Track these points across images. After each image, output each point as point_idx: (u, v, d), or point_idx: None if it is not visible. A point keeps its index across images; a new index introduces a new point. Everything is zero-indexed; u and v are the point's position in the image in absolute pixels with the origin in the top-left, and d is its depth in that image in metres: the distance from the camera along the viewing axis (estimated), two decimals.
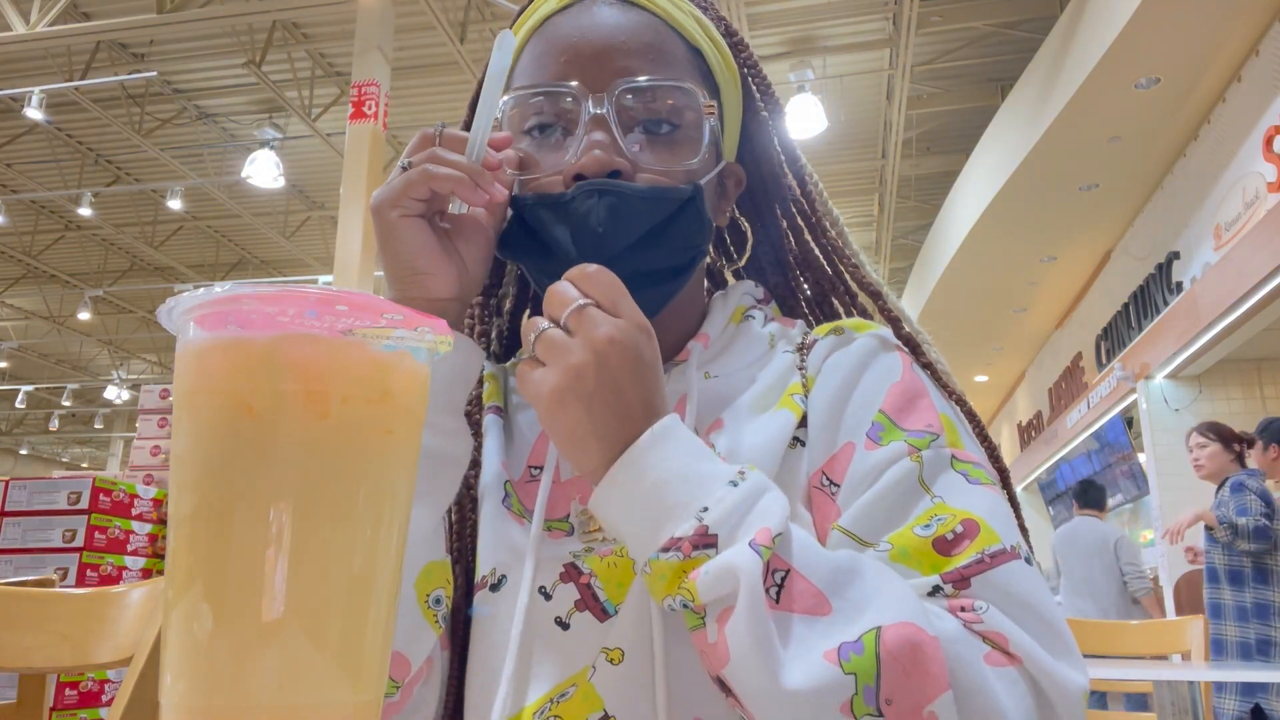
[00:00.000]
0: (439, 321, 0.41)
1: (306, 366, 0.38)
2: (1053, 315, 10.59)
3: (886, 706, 0.51)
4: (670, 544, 0.55)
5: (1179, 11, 5.42)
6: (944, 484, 0.63)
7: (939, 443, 0.66)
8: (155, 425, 3.75)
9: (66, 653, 1.03)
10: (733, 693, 0.55)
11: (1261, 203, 5.78)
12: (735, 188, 0.83)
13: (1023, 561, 0.60)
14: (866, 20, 8.31)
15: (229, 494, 0.37)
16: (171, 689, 0.37)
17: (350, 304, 0.38)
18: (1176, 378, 7.62)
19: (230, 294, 0.38)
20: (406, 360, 0.40)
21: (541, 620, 0.68)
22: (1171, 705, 2.17)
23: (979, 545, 0.59)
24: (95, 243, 12.58)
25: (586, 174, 0.69)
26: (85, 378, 17.58)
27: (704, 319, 0.81)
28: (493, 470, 0.75)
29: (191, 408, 0.38)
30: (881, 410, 0.68)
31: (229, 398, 0.37)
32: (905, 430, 0.66)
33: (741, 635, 0.52)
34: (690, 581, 0.54)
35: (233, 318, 0.38)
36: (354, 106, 6.83)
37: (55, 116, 9.37)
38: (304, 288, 0.38)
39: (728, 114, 0.80)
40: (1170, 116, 6.57)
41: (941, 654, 0.53)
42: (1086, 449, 10.13)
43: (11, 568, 2.55)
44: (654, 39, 0.74)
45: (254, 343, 0.38)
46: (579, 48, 0.73)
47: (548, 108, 0.73)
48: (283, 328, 0.38)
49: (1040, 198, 7.73)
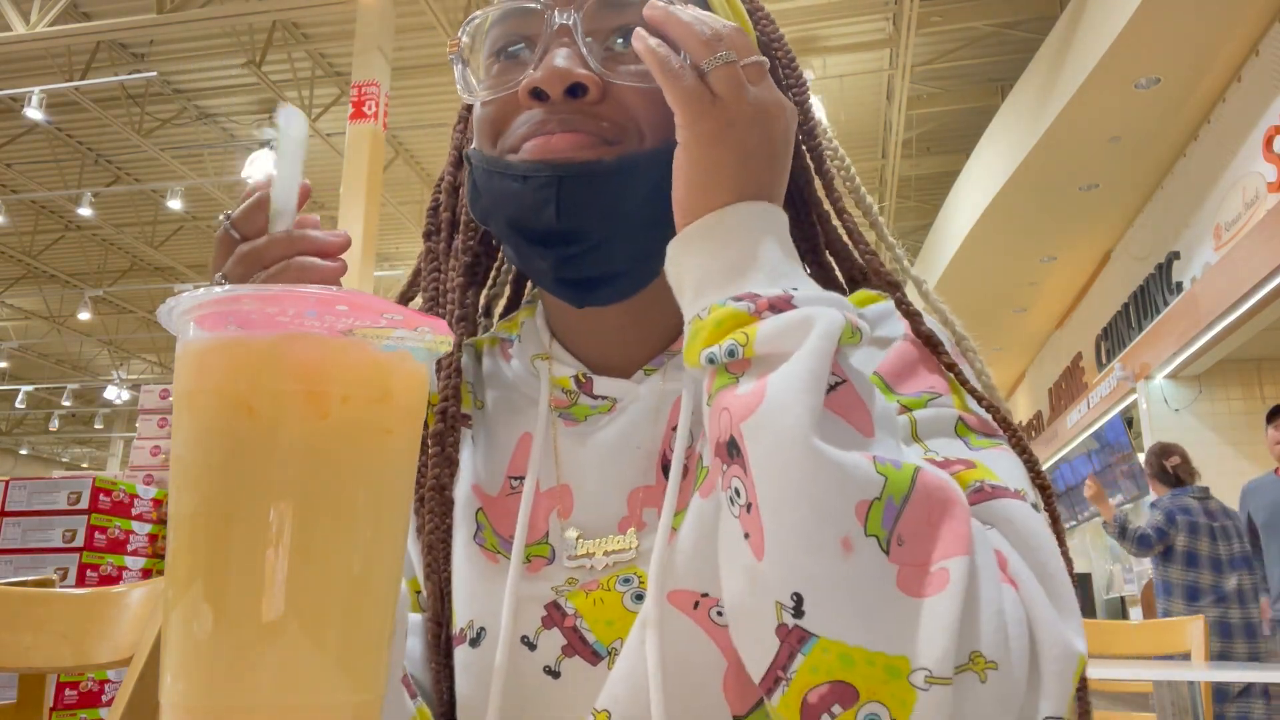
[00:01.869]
0: (438, 321, 0.41)
1: (307, 366, 0.38)
2: (1053, 315, 10.59)
3: (897, 546, 0.46)
4: (746, 296, 0.51)
5: (1179, 11, 5.42)
6: (939, 444, 0.58)
7: (941, 401, 0.60)
8: (155, 425, 3.75)
9: (66, 653, 1.03)
10: (738, 457, 0.49)
11: (1261, 203, 5.78)
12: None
13: (1028, 505, 0.54)
14: (866, 20, 8.31)
15: (229, 494, 0.37)
16: (171, 689, 0.37)
17: (350, 304, 0.38)
18: (1176, 378, 7.62)
19: (230, 294, 0.38)
20: (407, 360, 0.40)
21: (529, 671, 0.62)
22: (1171, 705, 2.17)
23: (976, 475, 0.55)
24: (95, 243, 12.58)
25: (543, 89, 0.60)
26: (85, 378, 17.58)
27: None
28: (463, 493, 0.68)
29: (191, 408, 0.38)
30: (877, 372, 0.62)
31: (229, 398, 0.37)
32: (899, 394, 0.61)
33: (789, 378, 0.48)
34: (751, 328, 0.50)
35: (233, 318, 0.38)
36: (354, 106, 6.83)
37: (55, 116, 9.37)
38: (304, 288, 0.38)
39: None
40: (1170, 116, 6.57)
41: (970, 523, 0.47)
42: (1086, 449, 10.13)
43: (11, 568, 2.55)
44: None
45: (254, 343, 0.38)
46: None
47: (517, 27, 0.64)
48: (283, 328, 0.37)
49: (1040, 198, 7.73)
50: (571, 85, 0.60)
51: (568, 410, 0.68)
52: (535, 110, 0.62)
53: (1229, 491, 4.52)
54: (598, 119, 0.61)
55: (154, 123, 9.75)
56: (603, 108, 0.62)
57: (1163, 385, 7.70)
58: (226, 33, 8.43)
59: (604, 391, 0.67)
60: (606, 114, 0.62)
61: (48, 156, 10.50)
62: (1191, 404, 7.63)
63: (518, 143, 0.63)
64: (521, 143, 0.62)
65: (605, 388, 0.67)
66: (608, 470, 0.65)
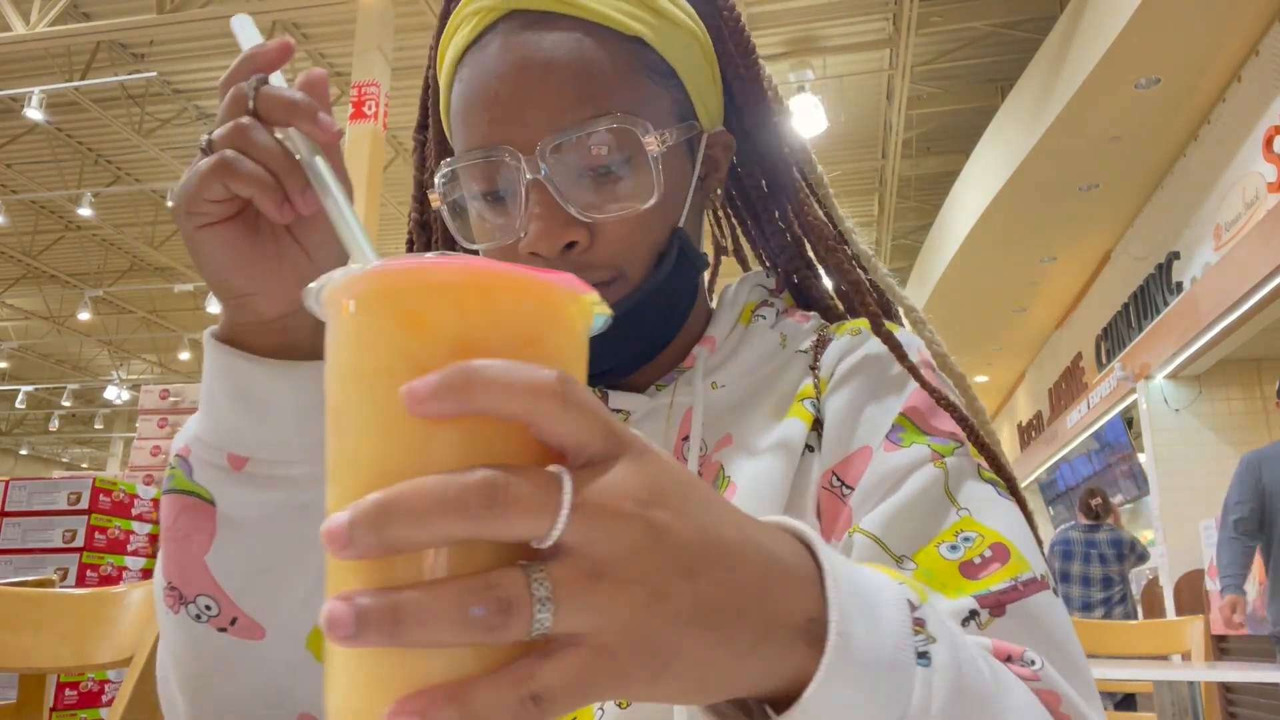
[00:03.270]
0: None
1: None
2: (1053, 315, 10.59)
3: None
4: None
5: (1179, 11, 5.42)
6: (970, 494, 0.61)
7: (963, 450, 0.63)
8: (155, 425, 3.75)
9: (66, 653, 1.03)
10: None
11: (1261, 203, 5.78)
12: (725, 154, 0.74)
13: (1051, 592, 0.58)
14: (866, 20, 8.31)
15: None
16: (334, 696, 0.34)
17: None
18: (1176, 378, 7.62)
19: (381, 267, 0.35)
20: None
21: None
22: (1171, 705, 2.17)
23: (1010, 571, 0.57)
24: (95, 243, 12.58)
25: (539, 253, 0.63)
26: (85, 378, 17.58)
27: (709, 318, 0.75)
28: None
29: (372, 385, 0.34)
30: (902, 413, 0.65)
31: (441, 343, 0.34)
32: (929, 435, 0.64)
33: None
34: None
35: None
36: (354, 107, 6.83)
37: (55, 116, 9.37)
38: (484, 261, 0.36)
39: (696, 80, 0.70)
40: (1170, 116, 6.57)
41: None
42: (1087, 449, 10.13)
43: (11, 568, 2.55)
44: (575, 61, 0.64)
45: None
46: (498, 100, 0.64)
47: (487, 174, 0.66)
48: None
49: (1040, 198, 7.73)
50: (566, 244, 0.64)
51: None
52: (536, 260, 0.64)
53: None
54: (593, 267, 0.65)
55: (154, 123, 9.75)
56: (594, 253, 0.65)
57: (1163, 385, 7.70)
58: (226, 33, 8.41)
59: (619, 405, 0.70)
60: (599, 258, 0.65)
61: (48, 156, 10.50)
62: (1191, 404, 7.63)
63: None
64: None
65: (620, 401, 0.70)
66: None
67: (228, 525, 0.57)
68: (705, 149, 0.71)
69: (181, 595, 0.58)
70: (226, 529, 0.57)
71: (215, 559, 0.57)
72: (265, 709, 0.59)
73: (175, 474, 0.59)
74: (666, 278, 0.67)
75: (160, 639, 0.62)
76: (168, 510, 0.59)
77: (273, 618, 0.58)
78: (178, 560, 0.58)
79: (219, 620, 0.58)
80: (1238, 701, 5.72)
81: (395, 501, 0.30)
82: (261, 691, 0.59)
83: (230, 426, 0.57)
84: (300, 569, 0.58)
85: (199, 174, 0.51)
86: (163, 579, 0.59)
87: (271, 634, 0.58)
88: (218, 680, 0.58)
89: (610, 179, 0.64)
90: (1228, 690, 5.66)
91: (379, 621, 0.30)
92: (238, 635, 0.58)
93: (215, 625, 0.58)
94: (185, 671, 0.59)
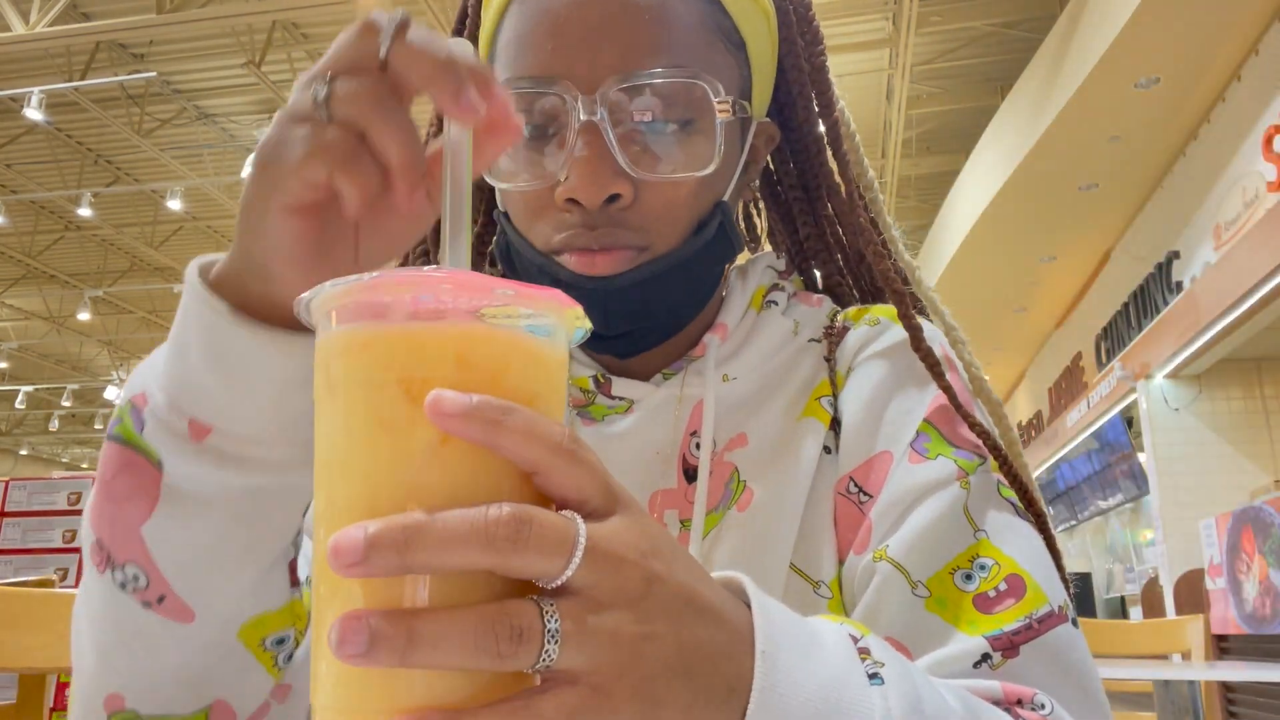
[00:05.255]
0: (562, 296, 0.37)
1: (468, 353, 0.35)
2: (1053, 315, 10.60)
3: None
4: None
5: (1179, 11, 5.42)
6: (990, 516, 0.59)
7: (985, 467, 0.61)
8: None
9: (66, 653, 1.03)
10: None
11: (1261, 202, 5.78)
12: (767, 145, 0.72)
13: (1069, 625, 0.56)
14: (866, 20, 8.31)
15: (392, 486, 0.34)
16: (324, 693, 0.34)
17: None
18: (1176, 377, 7.62)
19: (367, 281, 0.34)
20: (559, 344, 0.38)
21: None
22: (1171, 705, 2.17)
23: (1025, 608, 0.55)
24: (95, 243, 12.58)
25: (579, 200, 0.59)
26: (85, 378, 17.58)
27: (720, 304, 0.71)
28: None
29: (350, 399, 0.35)
30: (927, 420, 0.62)
31: (396, 384, 0.34)
32: (955, 446, 0.61)
33: None
34: None
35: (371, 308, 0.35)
36: None
37: (55, 117, 9.37)
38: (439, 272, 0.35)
39: (759, 61, 0.68)
40: (1170, 116, 6.57)
41: None
42: (1086, 448, 10.14)
43: (11, 568, 2.55)
44: (657, 5, 0.60)
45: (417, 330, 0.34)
46: (565, 29, 0.59)
47: (535, 105, 0.61)
48: (438, 317, 0.35)
49: (1040, 198, 7.74)
50: (609, 196, 0.60)
51: (585, 409, 0.68)
52: (571, 215, 0.61)
53: (1228, 490, 4.52)
54: (630, 228, 0.61)
55: (154, 123, 9.75)
56: (633, 212, 0.61)
57: (1163, 385, 7.70)
58: (226, 33, 8.42)
59: (622, 393, 0.67)
60: (637, 219, 0.61)
61: (48, 156, 10.50)
62: (1191, 404, 7.64)
63: (558, 247, 0.62)
64: (562, 248, 0.62)
65: (623, 389, 0.67)
66: (626, 471, 0.65)
67: (172, 498, 0.49)
68: (753, 136, 0.68)
69: (110, 558, 0.50)
70: (171, 502, 0.49)
71: (152, 531, 0.49)
72: (178, 688, 0.53)
73: (124, 421, 0.50)
74: (703, 248, 0.63)
75: (80, 589, 0.55)
76: (109, 460, 0.50)
77: (207, 604, 0.51)
78: (111, 520, 0.50)
79: (145, 594, 0.50)
80: (1238, 701, 5.73)
81: (426, 528, 0.31)
82: (178, 671, 0.53)
83: (198, 386, 0.48)
84: (247, 558, 0.51)
85: (307, 148, 0.41)
86: (91, 533, 0.52)
87: (201, 619, 0.51)
88: (134, 650, 0.52)
89: (670, 137, 0.61)
90: (1228, 690, 5.68)
91: (392, 643, 0.30)
92: (163, 614, 0.51)
93: (140, 599, 0.50)
94: (100, 635, 0.53)
